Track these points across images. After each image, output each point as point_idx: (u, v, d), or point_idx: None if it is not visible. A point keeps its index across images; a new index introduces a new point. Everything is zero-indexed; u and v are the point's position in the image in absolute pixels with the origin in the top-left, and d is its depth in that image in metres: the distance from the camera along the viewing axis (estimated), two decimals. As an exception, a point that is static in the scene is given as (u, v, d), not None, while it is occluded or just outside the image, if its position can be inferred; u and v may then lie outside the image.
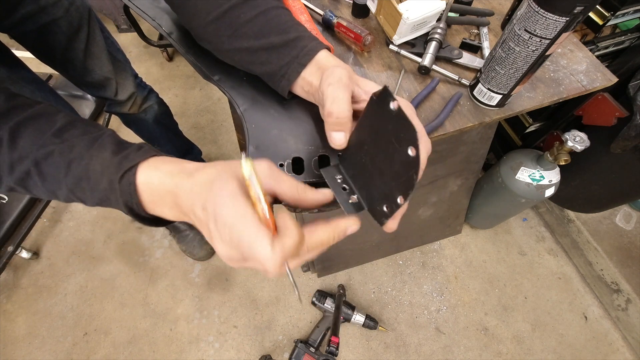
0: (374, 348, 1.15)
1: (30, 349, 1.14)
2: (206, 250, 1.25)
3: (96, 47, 0.75)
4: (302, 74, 0.38)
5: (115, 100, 0.88)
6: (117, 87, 0.85)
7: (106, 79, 0.81)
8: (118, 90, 0.86)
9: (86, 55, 0.74)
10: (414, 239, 1.28)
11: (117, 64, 0.83)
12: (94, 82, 0.80)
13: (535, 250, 1.33)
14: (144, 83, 0.97)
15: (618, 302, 1.17)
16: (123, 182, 0.30)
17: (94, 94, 0.85)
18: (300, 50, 0.37)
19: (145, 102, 0.97)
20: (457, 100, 0.56)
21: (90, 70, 0.77)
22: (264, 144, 0.41)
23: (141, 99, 0.95)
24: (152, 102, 1.00)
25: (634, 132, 0.84)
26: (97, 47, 0.76)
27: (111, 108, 0.93)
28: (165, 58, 1.76)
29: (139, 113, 0.97)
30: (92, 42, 0.74)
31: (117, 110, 0.93)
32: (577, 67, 0.61)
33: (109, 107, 0.93)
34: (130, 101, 0.91)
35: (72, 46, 0.71)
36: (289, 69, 0.38)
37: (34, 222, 1.21)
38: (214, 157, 1.51)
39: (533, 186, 0.96)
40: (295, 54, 0.37)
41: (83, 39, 0.72)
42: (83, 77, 0.78)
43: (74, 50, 0.72)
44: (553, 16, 0.40)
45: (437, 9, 0.57)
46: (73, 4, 0.67)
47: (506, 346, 1.16)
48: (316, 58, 0.37)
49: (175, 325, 1.18)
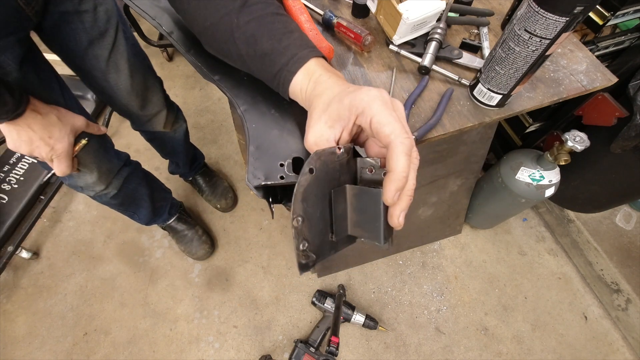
0: (374, 348, 1.15)
1: (30, 349, 1.14)
2: (205, 249, 1.26)
3: (121, 58, 0.71)
4: (292, 82, 0.37)
5: (141, 116, 0.85)
6: (142, 103, 0.81)
7: (128, 93, 0.77)
8: (144, 106, 0.82)
9: (109, 65, 0.70)
10: (414, 239, 1.28)
11: (148, 79, 0.80)
12: (114, 95, 0.76)
13: (535, 250, 1.33)
14: (172, 102, 0.95)
15: (618, 302, 1.17)
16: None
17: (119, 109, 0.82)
18: (290, 58, 0.37)
19: (177, 121, 0.98)
20: (450, 97, 0.56)
21: (112, 82, 0.73)
22: (264, 144, 0.41)
23: (173, 117, 0.94)
24: (182, 122, 1.01)
25: (634, 132, 0.84)
26: (122, 58, 0.71)
27: (142, 127, 0.91)
28: (165, 58, 1.76)
29: (169, 132, 0.97)
30: (117, 52, 0.70)
31: (149, 128, 0.91)
32: (577, 67, 0.61)
33: (139, 125, 0.90)
34: (159, 118, 0.89)
35: (94, 50, 0.67)
36: (281, 77, 0.38)
37: (34, 222, 1.21)
38: (214, 157, 1.51)
39: (533, 186, 0.96)
40: (285, 62, 0.37)
41: (107, 45, 0.68)
42: (105, 87, 0.74)
43: (95, 57, 0.68)
44: (553, 16, 0.40)
45: (437, 9, 0.57)
46: (103, 4, 0.64)
47: (506, 346, 1.16)
48: (306, 66, 0.36)
49: (175, 325, 1.18)
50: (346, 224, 0.33)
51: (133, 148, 1.51)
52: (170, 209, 1.17)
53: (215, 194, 1.35)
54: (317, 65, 0.37)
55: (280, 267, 1.28)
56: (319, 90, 0.35)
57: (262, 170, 0.39)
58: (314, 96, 0.35)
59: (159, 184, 1.09)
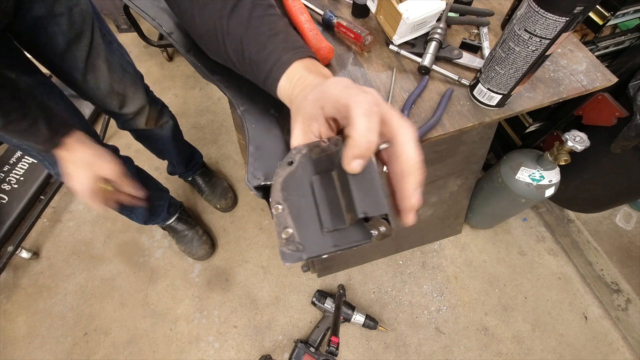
0: (374, 348, 1.15)
1: (30, 349, 1.14)
2: (205, 249, 1.26)
3: (98, 58, 0.71)
4: (278, 89, 0.37)
5: (123, 115, 0.85)
6: (122, 101, 0.81)
7: (108, 93, 0.77)
8: (124, 103, 0.82)
9: (87, 66, 0.70)
10: (414, 239, 1.28)
11: (127, 76, 0.80)
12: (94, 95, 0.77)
13: (535, 250, 1.33)
14: (156, 97, 0.95)
15: (618, 302, 1.17)
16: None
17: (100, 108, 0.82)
18: (273, 65, 0.36)
19: (161, 117, 0.97)
20: (450, 97, 0.56)
21: (91, 83, 0.73)
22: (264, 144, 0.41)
23: (156, 113, 0.93)
24: (167, 118, 1.00)
25: (634, 132, 0.84)
26: (99, 58, 0.71)
27: (126, 125, 0.91)
28: (165, 58, 1.76)
29: (155, 129, 0.96)
30: (94, 52, 0.70)
31: (133, 126, 0.91)
32: (577, 67, 0.61)
33: (123, 124, 0.90)
34: (142, 116, 0.89)
35: (72, 52, 0.67)
36: (267, 84, 0.38)
37: (34, 222, 1.21)
38: (214, 157, 1.51)
39: (533, 186, 0.96)
40: (269, 69, 0.37)
41: (84, 47, 0.68)
42: (84, 87, 0.74)
43: (74, 59, 0.68)
44: (553, 16, 0.40)
45: (437, 9, 0.57)
46: (77, 5, 0.64)
47: (506, 346, 1.16)
48: (288, 71, 0.36)
49: (175, 325, 1.18)
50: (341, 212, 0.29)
51: (133, 148, 1.51)
52: (169, 209, 1.17)
53: (215, 194, 1.35)
54: (299, 67, 0.36)
55: (280, 267, 1.28)
56: (296, 93, 0.34)
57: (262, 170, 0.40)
58: (293, 99, 0.35)
59: (154, 182, 1.08)
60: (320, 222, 0.29)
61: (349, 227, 0.28)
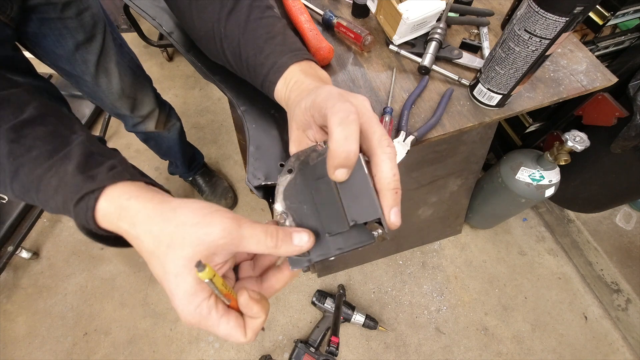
0: (374, 348, 1.15)
1: (30, 349, 1.14)
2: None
3: (110, 62, 0.71)
4: (275, 92, 0.37)
5: (133, 118, 0.85)
6: (133, 104, 0.81)
7: (119, 96, 0.76)
8: (135, 106, 0.82)
9: (98, 69, 0.70)
10: (414, 239, 1.28)
11: (137, 80, 0.80)
12: (106, 98, 0.76)
13: (535, 250, 1.33)
14: (163, 100, 0.95)
15: (618, 302, 1.17)
16: (80, 205, 0.26)
17: (110, 112, 0.82)
18: (270, 68, 0.36)
19: (169, 120, 0.97)
20: (450, 97, 0.56)
21: (103, 86, 0.73)
22: (264, 144, 0.41)
23: (165, 116, 0.94)
24: (175, 120, 1.00)
25: (634, 132, 0.84)
26: (111, 62, 0.71)
27: (136, 128, 0.91)
28: (165, 58, 1.76)
29: (163, 131, 0.97)
30: (106, 56, 0.69)
31: (143, 129, 0.91)
32: (577, 67, 0.61)
33: (133, 127, 0.90)
34: (152, 119, 0.89)
35: (82, 55, 0.66)
36: (264, 87, 0.38)
37: (34, 222, 1.21)
38: (214, 157, 1.51)
39: (533, 186, 0.96)
40: (266, 73, 0.37)
41: (95, 50, 0.67)
42: (95, 91, 0.74)
43: (85, 62, 0.67)
44: (553, 16, 0.40)
45: (437, 9, 0.57)
46: (88, 9, 0.63)
47: (506, 346, 1.16)
48: (284, 75, 0.36)
49: (175, 325, 1.18)
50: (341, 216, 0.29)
51: (133, 148, 1.51)
52: None
53: (215, 194, 1.35)
54: (296, 70, 0.35)
55: (280, 267, 1.28)
56: (292, 98, 0.34)
57: (262, 171, 0.40)
58: (289, 104, 0.35)
59: None
60: (323, 227, 0.29)
61: (350, 229, 0.28)
